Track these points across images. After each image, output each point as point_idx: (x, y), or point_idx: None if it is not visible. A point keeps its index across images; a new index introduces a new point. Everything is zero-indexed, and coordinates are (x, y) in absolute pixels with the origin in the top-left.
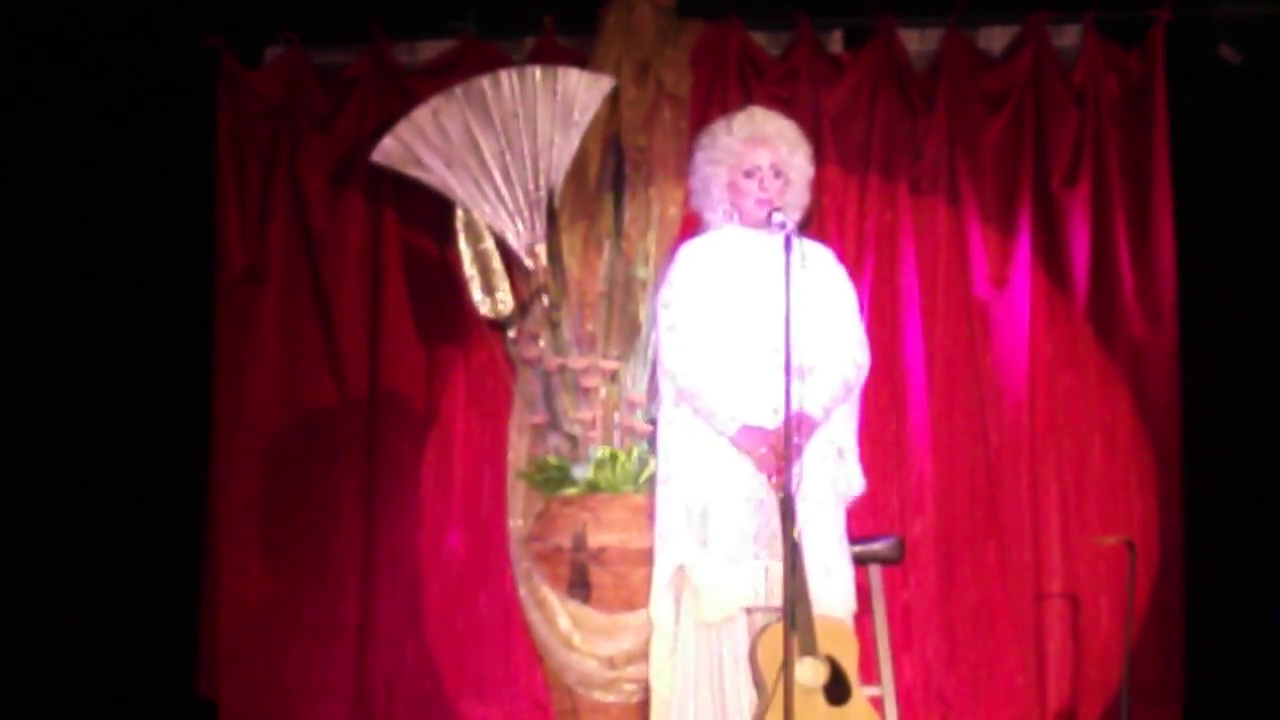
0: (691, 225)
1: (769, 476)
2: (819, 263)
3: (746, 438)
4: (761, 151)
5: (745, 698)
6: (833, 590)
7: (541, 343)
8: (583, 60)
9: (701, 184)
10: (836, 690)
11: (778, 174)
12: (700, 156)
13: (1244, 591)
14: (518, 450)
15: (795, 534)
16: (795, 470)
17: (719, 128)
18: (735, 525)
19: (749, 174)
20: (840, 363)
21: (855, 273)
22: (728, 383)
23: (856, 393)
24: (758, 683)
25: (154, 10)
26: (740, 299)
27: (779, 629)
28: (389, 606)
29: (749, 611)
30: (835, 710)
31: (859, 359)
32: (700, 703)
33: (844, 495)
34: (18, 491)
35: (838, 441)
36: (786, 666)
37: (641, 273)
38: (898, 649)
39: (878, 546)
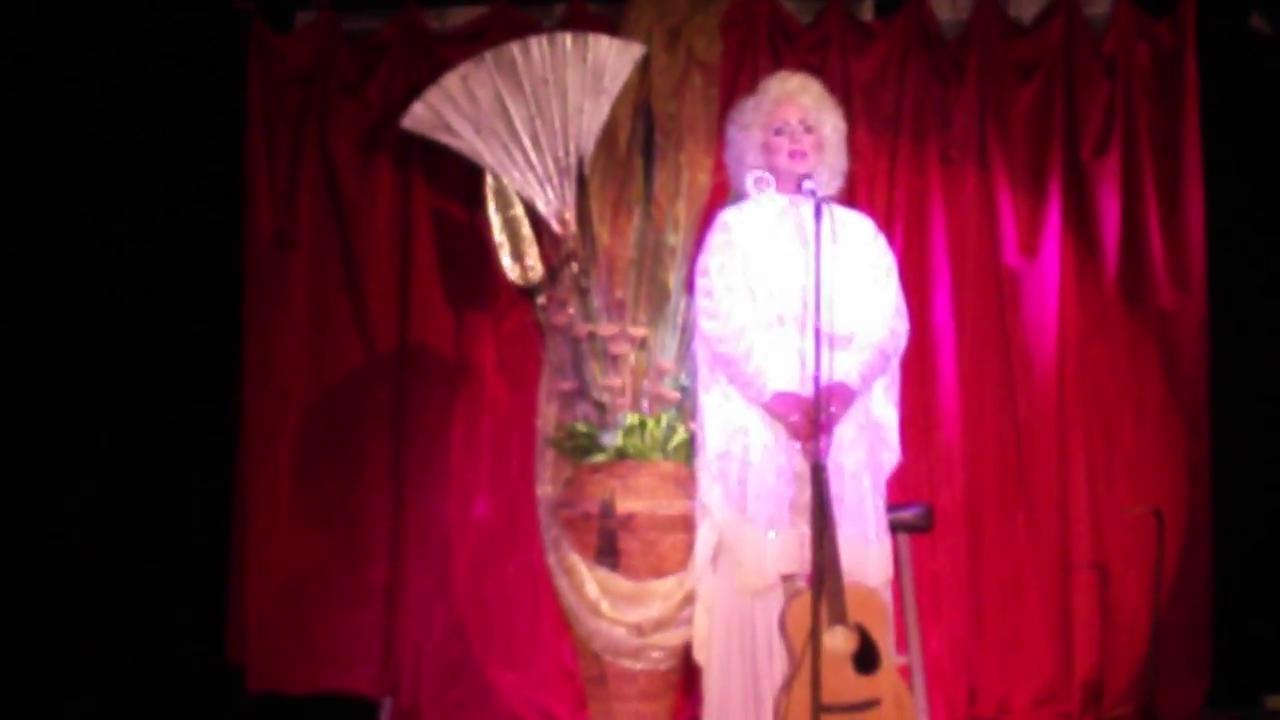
0: (721, 193)
1: (801, 444)
2: (857, 231)
3: (779, 404)
4: (789, 108)
5: (779, 665)
6: (868, 559)
7: (570, 309)
8: (613, 27)
9: (736, 152)
10: (866, 659)
11: (808, 130)
12: (733, 126)
13: (1272, 561)
14: (546, 417)
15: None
16: (828, 438)
17: (748, 96)
18: (773, 493)
19: (779, 131)
20: (877, 331)
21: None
22: (764, 350)
23: (896, 363)
24: (788, 650)
25: None
26: (776, 267)
27: (809, 597)
28: (418, 573)
29: (785, 579)
30: (864, 679)
31: (897, 327)
32: (733, 670)
33: (884, 467)
34: (48, 458)
35: (877, 413)
36: (814, 634)
37: (671, 239)
38: (926, 618)
39: (906, 515)
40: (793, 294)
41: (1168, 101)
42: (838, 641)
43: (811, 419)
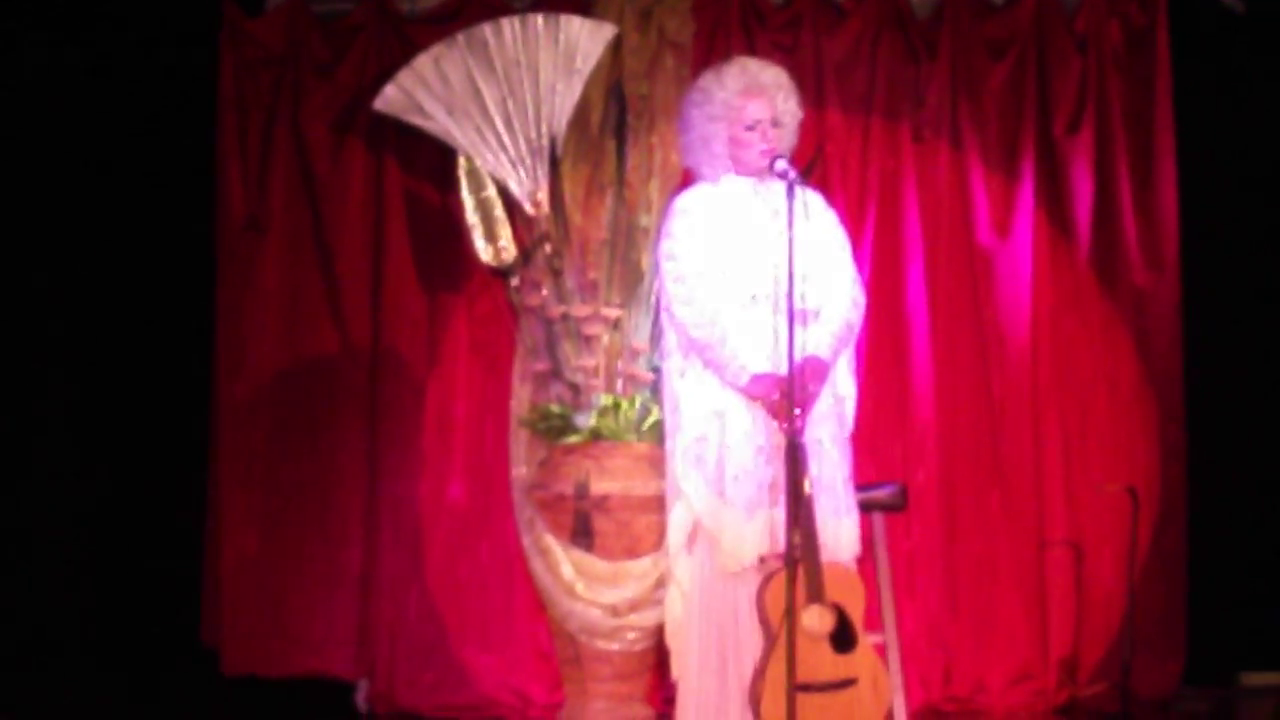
0: (693, 173)
1: (781, 423)
2: (813, 206)
3: (758, 385)
4: (760, 104)
5: (750, 646)
6: (840, 533)
7: (544, 290)
8: (585, 8)
9: (700, 141)
10: (842, 638)
11: (776, 123)
12: (696, 113)
13: (1247, 539)
14: (520, 398)
15: (808, 485)
16: (806, 415)
17: (709, 83)
18: (752, 475)
19: (751, 127)
20: (841, 303)
21: (858, 220)
22: (735, 332)
23: (855, 334)
24: (764, 628)
25: None
26: (742, 247)
27: (785, 575)
28: (392, 555)
29: (761, 559)
30: (840, 658)
31: (857, 298)
32: (710, 652)
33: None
34: (20, 442)
35: (839, 385)
36: (790, 613)
37: (644, 220)
38: (901, 597)
39: (881, 494)
40: (764, 272)
41: (1140, 79)
42: (815, 620)
43: (789, 397)
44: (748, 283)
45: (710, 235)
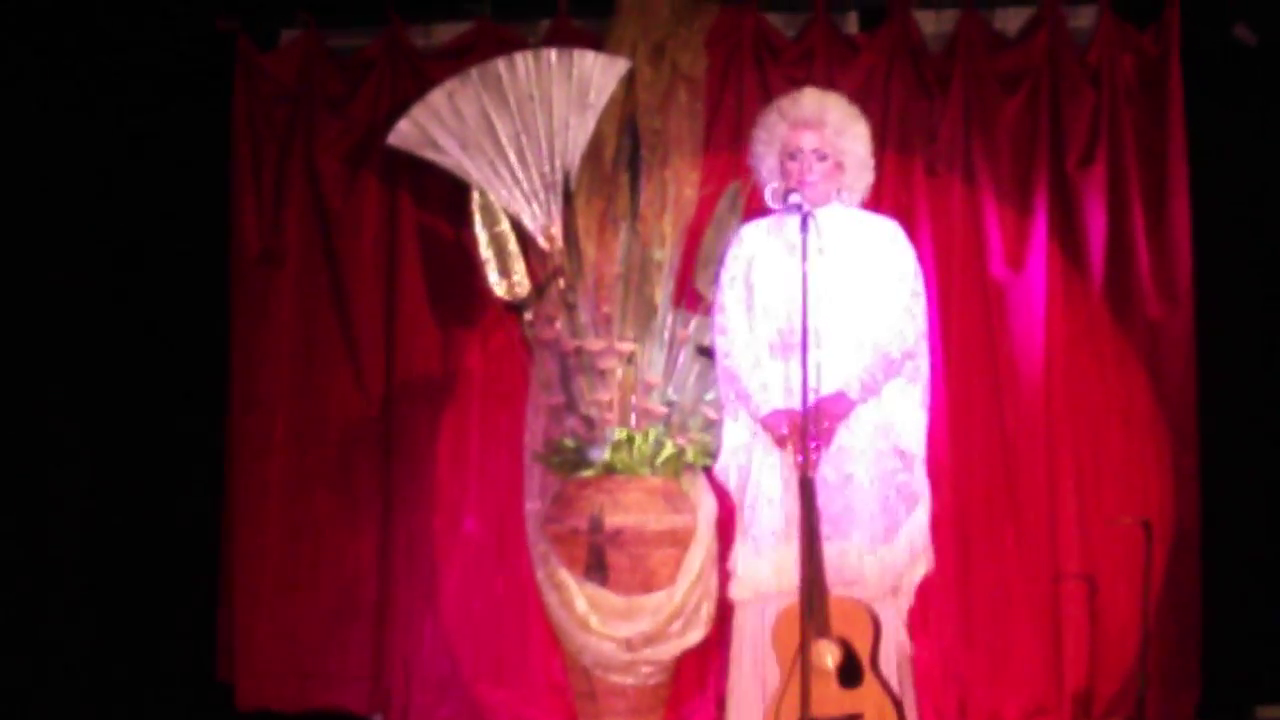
0: (707, 207)
1: (795, 458)
2: (874, 235)
3: (772, 420)
4: (805, 135)
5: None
6: (864, 567)
7: (558, 325)
8: (598, 42)
9: (755, 162)
10: (849, 673)
11: (823, 157)
12: (754, 134)
13: (1261, 572)
14: (534, 432)
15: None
16: (821, 452)
17: (773, 108)
18: (776, 507)
19: (793, 156)
20: (883, 335)
21: None
22: (766, 365)
23: (923, 365)
24: (778, 664)
25: None
26: (778, 281)
27: (794, 611)
28: (406, 589)
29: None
30: (847, 692)
31: (903, 329)
32: (744, 677)
33: (896, 475)
34: (35, 474)
35: (889, 417)
36: (803, 648)
37: (657, 254)
38: (915, 629)
39: None
40: (792, 307)
41: (1153, 112)
42: (820, 656)
43: (802, 433)
44: (776, 316)
45: (753, 266)
